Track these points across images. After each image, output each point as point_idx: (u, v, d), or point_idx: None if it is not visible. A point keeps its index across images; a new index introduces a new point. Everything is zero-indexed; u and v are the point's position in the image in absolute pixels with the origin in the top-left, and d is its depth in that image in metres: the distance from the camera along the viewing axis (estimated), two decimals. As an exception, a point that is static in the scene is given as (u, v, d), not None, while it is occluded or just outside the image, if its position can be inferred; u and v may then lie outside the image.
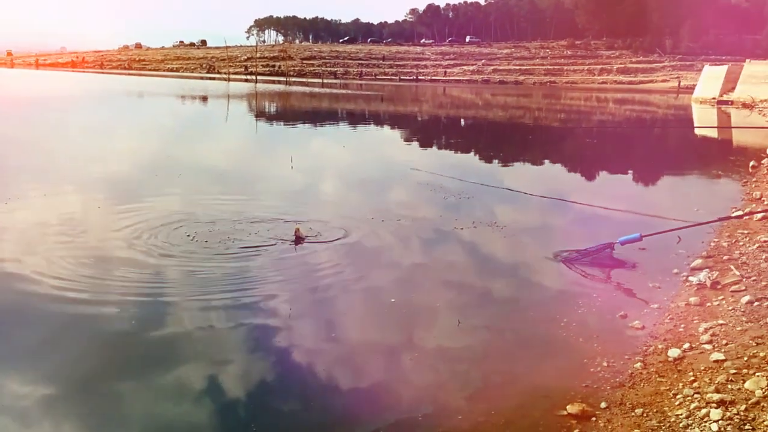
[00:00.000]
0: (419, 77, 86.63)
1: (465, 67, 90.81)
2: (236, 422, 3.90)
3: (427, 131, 26.85)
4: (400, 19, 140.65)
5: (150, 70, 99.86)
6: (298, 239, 7.39)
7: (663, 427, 3.56)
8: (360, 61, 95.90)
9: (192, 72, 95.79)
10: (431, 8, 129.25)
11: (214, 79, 76.81)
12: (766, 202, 9.50)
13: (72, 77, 75.42)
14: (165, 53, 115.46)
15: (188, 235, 7.62)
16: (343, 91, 56.73)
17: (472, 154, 18.35)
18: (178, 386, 4.28)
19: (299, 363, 4.64)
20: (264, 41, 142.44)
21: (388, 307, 5.73)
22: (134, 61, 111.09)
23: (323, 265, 6.74)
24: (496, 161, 16.56)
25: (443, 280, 6.51)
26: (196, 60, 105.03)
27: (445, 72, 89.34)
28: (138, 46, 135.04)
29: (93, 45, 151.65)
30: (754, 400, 3.52)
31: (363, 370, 4.56)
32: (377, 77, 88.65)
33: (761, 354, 4.07)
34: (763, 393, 3.56)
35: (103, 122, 23.82)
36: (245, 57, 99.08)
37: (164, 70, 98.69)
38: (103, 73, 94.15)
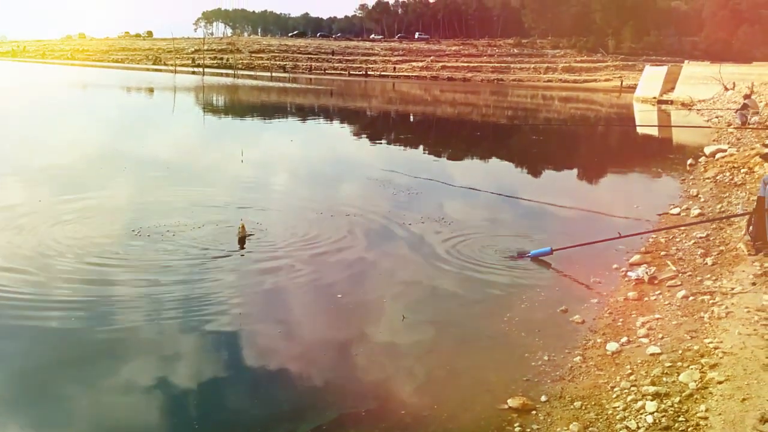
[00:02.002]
0: (368, 72, 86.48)
1: (414, 63, 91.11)
2: (179, 418, 3.82)
3: (376, 127, 26.83)
4: (350, 15, 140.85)
5: (94, 60, 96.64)
6: (242, 238, 7.19)
7: (600, 420, 3.63)
8: (309, 56, 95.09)
9: (137, 63, 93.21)
10: (380, 4, 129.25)
11: (160, 71, 74.92)
12: (702, 199, 9.84)
13: (12, 67, 72.44)
14: (110, 44, 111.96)
15: (133, 230, 7.41)
16: (293, 85, 56.20)
17: (421, 150, 18.41)
18: (123, 386, 4.15)
19: (244, 360, 4.56)
20: (212, 34, 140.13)
21: (334, 303, 5.69)
22: (78, 51, 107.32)
23: (269, 262, 6.64)
24: (445, 157, 16.66)
25: (390, 275, 6.51)
26: (141, 51, 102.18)
27: (395, 68, 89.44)
28: (81, 36, 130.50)
29: (34, 34, 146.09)
30: (687, 392, 3.62)
31: (307, 366, 4.51)
32: (326, 72, 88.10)
33: (695, 347, 4.19)
34: (697, 385, 3.66)
35: (44, 114, 22.93)
36: (193, 49, 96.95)
37: (109, 61, 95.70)
38: (45, 63, 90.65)
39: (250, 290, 5.88)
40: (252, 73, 77.32)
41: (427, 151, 17.94)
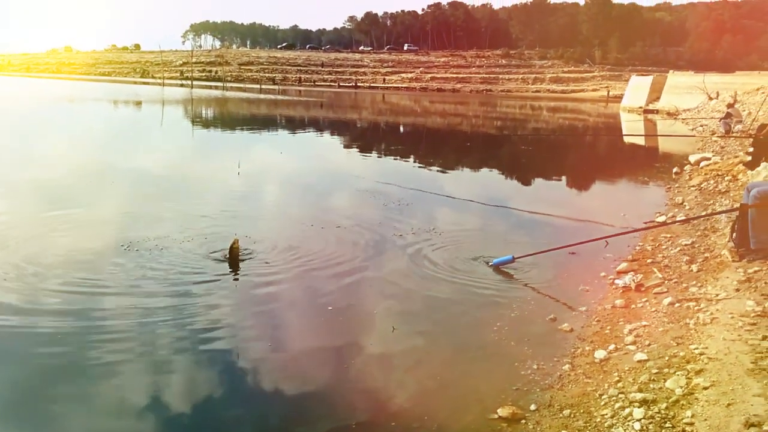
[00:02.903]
0: (358, 84, 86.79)
1: (403, 75, 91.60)
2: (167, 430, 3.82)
3: (366, 138, 26.93)
4: (339, 27, 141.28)
5: (80, 74, 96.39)
6: (233, 255, 6.87)
7: (589, 427, 3.67)
8: (299, 68, 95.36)
9: (125, 77, 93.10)
10: (369, 16, 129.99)
11: (148, 84, 74.87)
12: (687, 207, 9.95)
13: (-5, 81, 72.13)
14: (96, 57, 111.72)
15: (122, 245, 7.40)
16: (282, 98, 56.30)
17: (411, 160, 18.50)
18: (113, 401, 4.15)
19: (234, 372, 4.57)
20: (200, 46, 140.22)
21: (324, 314, 5.71)
22: (63, 64, 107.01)
23: (258, 273, 6.65)
24: (435, 168, 16.75)
25: (380, 287, 6.54)
26: (129, 64, 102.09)
27: (384, 79, 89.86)
28: (68, 49, 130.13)
29: (19, 47, 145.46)
30: (674, 398, 3.67)
31: (297, 379, 4.53)
32: (316, 84, 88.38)
33: (681, 354, 4.25)
34: (683, 391, 3.71)
35: (29, 128, 22.85)
36: (181, 62, 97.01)
37: (95, 74, 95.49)
38: (30, 76, 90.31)
39: (237, 301, 5.88)
40: (241, 85, 77.41)
41: (417, 162, 18.03)
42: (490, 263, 7.12)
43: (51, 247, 7.25)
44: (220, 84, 74.93)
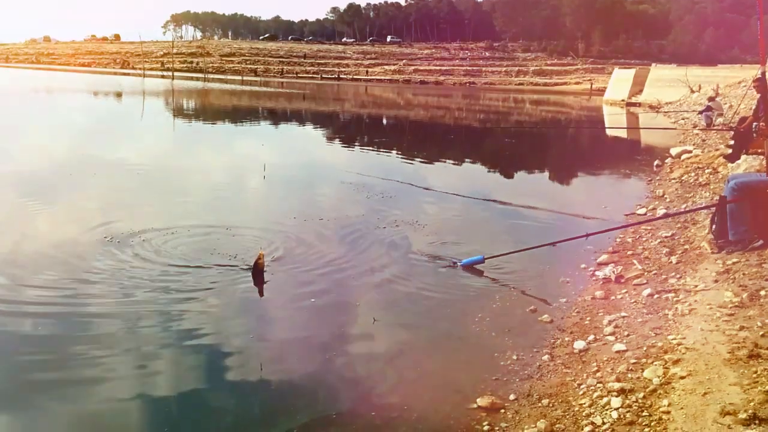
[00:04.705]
0: (341, 76, 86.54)
1: (386, 67, 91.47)
2: (148, 425, 3.78)
3: (350, 130, 26.87)
4: (321, 18, 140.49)
5: (60, 64, 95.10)
6: (259, 268, 6.22)
7: (567, 416, 3.69)
8: (281, 59, 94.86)
9: (105, 67, 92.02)
10: (352, 7, 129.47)
11: (128, 74, 74.09)
12: (667, 200, 10.04)
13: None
14: (76, 47, 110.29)
15: (105, 237, 7.31)
16: (264, 89, 55.98)
17: (394, 153, 18.48)
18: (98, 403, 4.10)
19: (211, 365, 4.53)
20: (181, 37, 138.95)
21: (306, 306, 5.69)
22: (43, 55, 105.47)
23: (237, 264, 6.60)
24: (419, 160, 16.75)
25: (362, 278, 6.51)
26: (109, 55, 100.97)
27: (367, 71, 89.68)
28: (47, 39, 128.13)
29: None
30: (651, 387, 3.70)
31: (277, 370, 4.50)
32: (299, 75, 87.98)
33: (659, 344, 4.28)
34: (660, 381, 3.74)
35: (9, 119, 22.50)
36: (161, 53, 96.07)
37: (75, 65, 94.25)
38: (8, 67, 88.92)
39: (219, 295, 5.83)
40: (223, 76, 76.88)
41: (400, 155, 18.02)
42: (458, 264, 6.87)
43: (34, 240, 7.15)
44: (201, 75, 74.32)
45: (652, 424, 3.32)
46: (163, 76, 70.74)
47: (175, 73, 73.04)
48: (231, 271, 6.41)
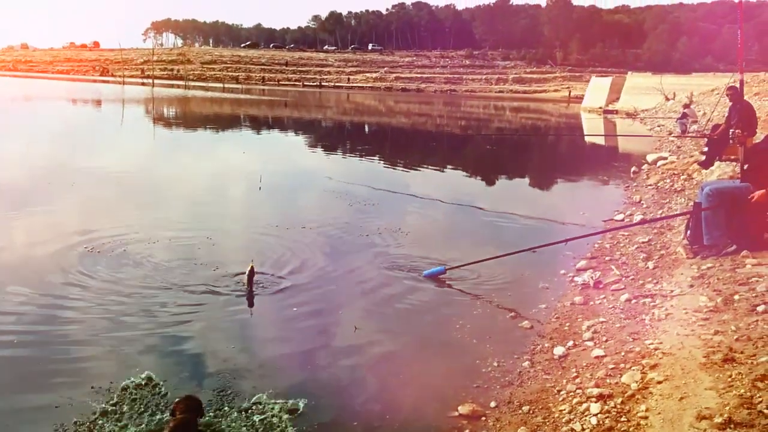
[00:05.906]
0: (322, 83, 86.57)
1: (368, 74, 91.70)
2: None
3: (332, 138, 26.88)
4: (303, 26, 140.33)
5: (38, 72, 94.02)
6: (251, 278, 6.14)
7: (547, 423, 3.73)
8: (263, 67, 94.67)
9: (84, 75, 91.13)
10: (333, 15, 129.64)
11: (107, 82, 73.44)
12: (644, 206, 10.17)
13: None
14: (54, 54, 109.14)
15: (85, 247, 7.24)
16: (246, 97, 55.80)
17: (377, 160, 18.52)
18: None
19: (196, 372, 4.51)
20: (162, 44, 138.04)
21: (287, 315, 5.68)
22: (20, 62, 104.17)
23: (216, 272, 6.57)
24: (401, 168, 16.78)
25: (344, 287, 6.52)
26: (88, 62, 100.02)
27: (348, 79, 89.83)
28: (24, 46, 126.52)
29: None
30: (629, 393, 3.75)
31: (259, 380, 4.48)
32: (280, 83, 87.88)
33: (637, 349, 4.34)
34: (638, 386, 3.79)
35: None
36: (142, 60, 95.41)
37: (53, 72, 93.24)
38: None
39: (202, 304, 5.79)
40: (204, 84, 76.44)
41: (383, 161, 18.05)
42: (422, 275, 6.82)
43: (14, 250, 7.05)
44: (182, 83, 73.88)
45: (631, 429, 3.37)
46: (143, 84, 70.25)
47: (156, 81, 72.61)
48: (212, 283, 6.38)
